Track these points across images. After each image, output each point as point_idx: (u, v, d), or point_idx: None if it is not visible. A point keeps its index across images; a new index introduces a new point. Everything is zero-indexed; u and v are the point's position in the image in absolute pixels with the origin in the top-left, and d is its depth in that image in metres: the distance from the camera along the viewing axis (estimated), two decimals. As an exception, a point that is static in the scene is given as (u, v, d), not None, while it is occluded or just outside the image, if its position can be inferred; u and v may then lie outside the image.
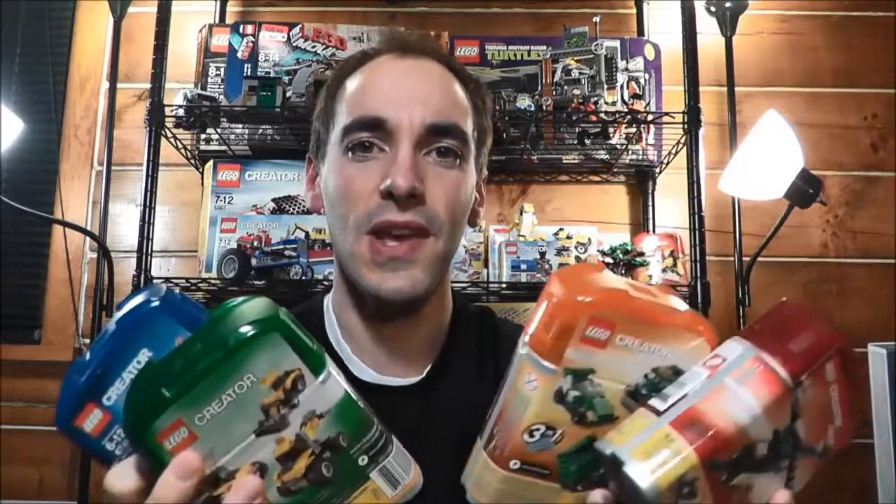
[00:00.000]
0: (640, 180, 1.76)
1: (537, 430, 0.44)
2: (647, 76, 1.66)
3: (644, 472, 0.39)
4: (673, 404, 0.41)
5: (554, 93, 1.57)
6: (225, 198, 1.55)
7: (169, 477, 0.40)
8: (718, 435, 0.39)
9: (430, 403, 0.74)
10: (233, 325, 0.41)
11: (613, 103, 1.57)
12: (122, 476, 0.42)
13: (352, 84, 0.74)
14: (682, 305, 0.45)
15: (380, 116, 0.69)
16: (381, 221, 0.67)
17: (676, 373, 0.43)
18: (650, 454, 0.39)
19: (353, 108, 0.71)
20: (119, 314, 0.44)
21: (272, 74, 1.60)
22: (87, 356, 0.44)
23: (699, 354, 0.43)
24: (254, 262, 1.44)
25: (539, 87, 1.60)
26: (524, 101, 1.55)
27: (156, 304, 0.44)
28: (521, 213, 1.58)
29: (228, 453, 0.41)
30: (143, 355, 0.43)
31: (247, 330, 0.40)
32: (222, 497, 0.41)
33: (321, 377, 0.42)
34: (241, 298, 0.43)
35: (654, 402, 0.42)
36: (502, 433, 0.46)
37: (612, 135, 1.59)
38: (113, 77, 1.65)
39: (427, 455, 0.70)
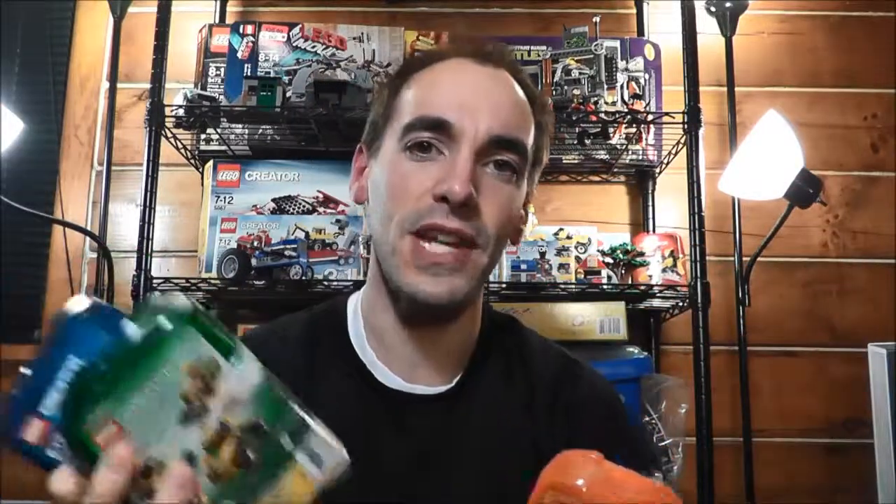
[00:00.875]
0: (640, 180, 1.76)
1: None
2: (647, 76, 1.66)
3: None
4: None
5: (554, 93, 1.57)
6: (225, 198, 1.55)
7: (103, 471, 0.42)
8: None
9: (459, 411, 0.73)
10: (148, 323, 0.44)
11: (613, 103, 1.57)
12: (62, 478, 0.44)
13: (419, 81, 0.73)
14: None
15: (445, 118, 0.68)
16: (428, 224, 0.66)
17: None
18: None
19: (419, 107, 0.70)
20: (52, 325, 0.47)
21: (272, 74, 1.60)
22: (28, 371, 0.46)
23: None
24: (254, 262, 1.44)
25: (539, 87, 1.60)
26: (524, 101, 1.55)
27: (78, 313, 0.46)
28: (521, 213, 1.58)
29: (157, 444, 0.44)
30: (72, 362, 0.45)
31: (161, 325, 0.44)
32: (156, 487, 0.44)
33: (235, 363, 0.45)
34: (156, 297, 0.46)
35: None
36: None
37: (612, 135, 1.59)
38: (113, 77, 1.65)
39: (457, 462, 0.71)
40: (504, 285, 1.47)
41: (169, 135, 1.49)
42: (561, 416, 0.75)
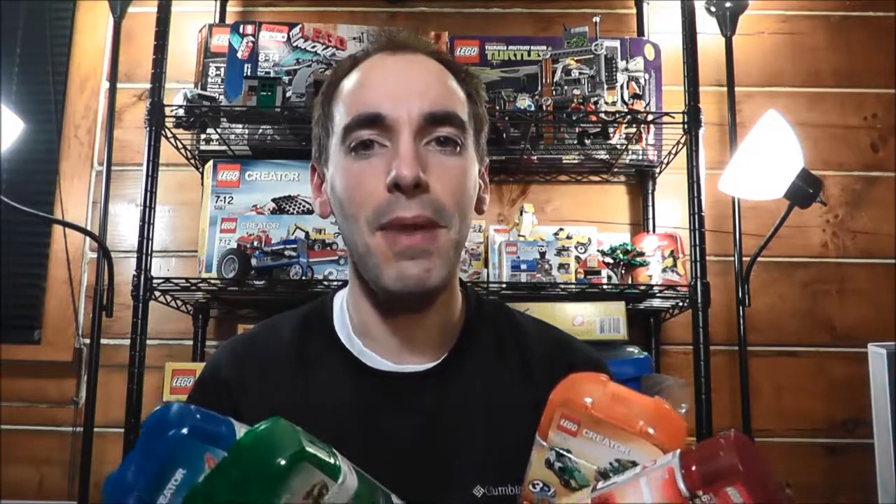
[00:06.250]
0: (640, 180, 1.76)
1: (537, 484, 0.60)
2: (647, 76, 1.66)
3: None
4: (606, 486, 0.54)
5: (554, 93, 1.57)
6: (225, 198, 1.55)
7: None
8: None
9: (451, 384, 0.75)
10: (267, 458, 0.48)
11: (613, 103, 1.57)
12: None
13: (347, 86, 0.75)
14: (658, 418, 0.56)
15: (378, 112, 0.69)
16: (389, 220, 0.68)
17: (635, 465, 0.55)
18: None
19: (351, 108, 0.72)
20: (151, 433, 0.50)
21: (272, 74, 1.60)
22: (129, 475, 0.49)
23: (651, 455, 0.54)
24: (254, 262, 1.44)
25: (539, 87, 1.60)
26: (524, 101, 1.55)
27: (185, 431, 0.50)
28: (521, 213, 1.58)
29: None
30: (179, 474, 0.49)
31: (281, 462, 0.48)
32: None
33: (340, 480, 0.51)
34: (263, 426, 0.50)
35: (600, 482, 0.56)
36: (524, 482, 0.62)
37: (612, 135, 1.59)
38: (113, 77, 1.65)
39: (454, 433, 0.74)
40: (504, 285, 1.47)
41: (169, 135, 1.49)
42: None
